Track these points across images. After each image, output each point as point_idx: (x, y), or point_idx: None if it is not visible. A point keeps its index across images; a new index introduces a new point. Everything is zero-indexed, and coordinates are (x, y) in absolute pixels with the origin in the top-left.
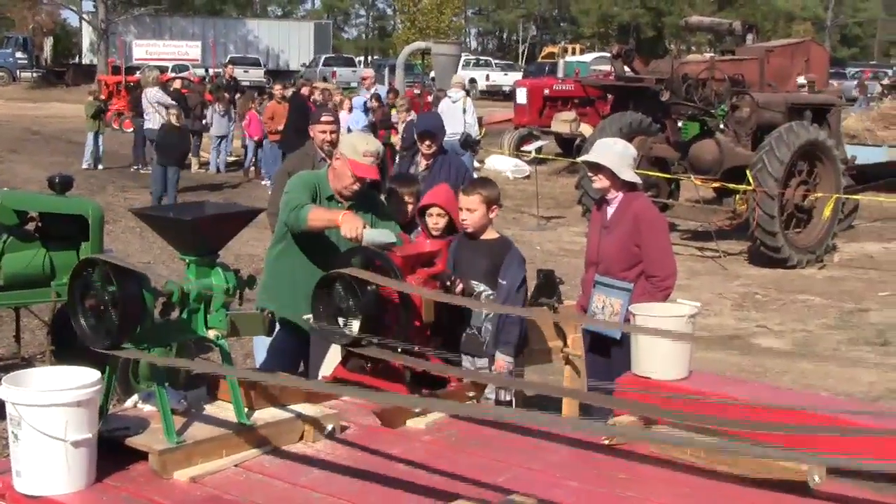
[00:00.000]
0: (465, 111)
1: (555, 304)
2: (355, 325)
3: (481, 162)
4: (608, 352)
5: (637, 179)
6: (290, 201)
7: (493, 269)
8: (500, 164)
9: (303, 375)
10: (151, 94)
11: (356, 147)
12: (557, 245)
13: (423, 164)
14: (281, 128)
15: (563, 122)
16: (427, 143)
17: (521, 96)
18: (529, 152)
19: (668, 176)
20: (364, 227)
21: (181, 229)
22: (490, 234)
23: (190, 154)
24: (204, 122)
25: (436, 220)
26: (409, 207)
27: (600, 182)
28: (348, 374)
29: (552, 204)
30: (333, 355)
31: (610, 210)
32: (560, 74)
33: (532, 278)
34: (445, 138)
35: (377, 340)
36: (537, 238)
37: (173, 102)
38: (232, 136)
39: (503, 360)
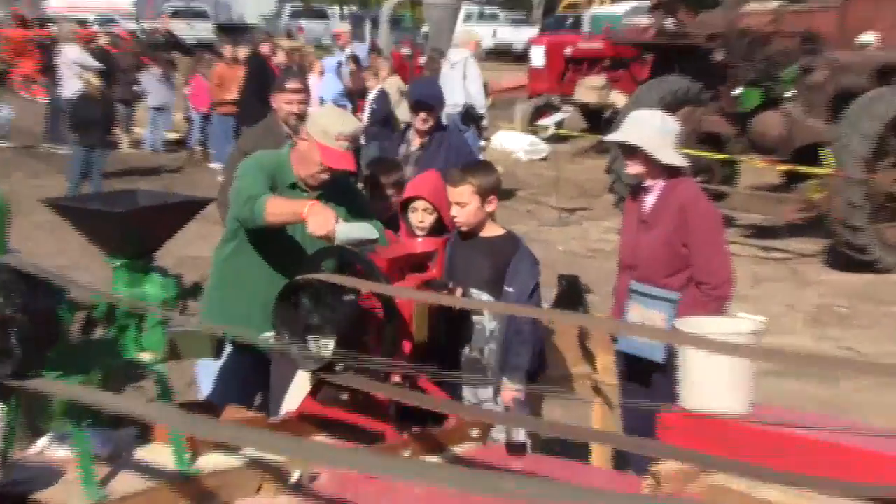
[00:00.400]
0: (465, 77)
1: None
2: (328, 346)
3: (487, 140)
4: (648, 379)
5: (682, 161)
6: (243, 189)
7: (497, 273)
8: (511, 142)
9: (261, 408)
10: (69, 54)
11: (327, 128)
12: (583, 244)
13: (416, 142)
14: (233, 97)
15: (589, 89)
16: (423, 116)
17: (538, 57)
18: (547, 127)
19: (723, 156)
20: (337, 222)
21: (107, 225)
22: (491, 231)
23: (118, 130)
24: (137, 89)
25: (421, 217)
26: (393, 200)
27: (634, 166)
28: (319, 408)
29: (576, 192)
30: (300, 384)
31: (648, 200)
32: (586, 29)
33: (550, 285)
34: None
35: (356, 365)
36: (558, 235)
37: (97, 64)
38: (172, 108)
39: (512, 390)
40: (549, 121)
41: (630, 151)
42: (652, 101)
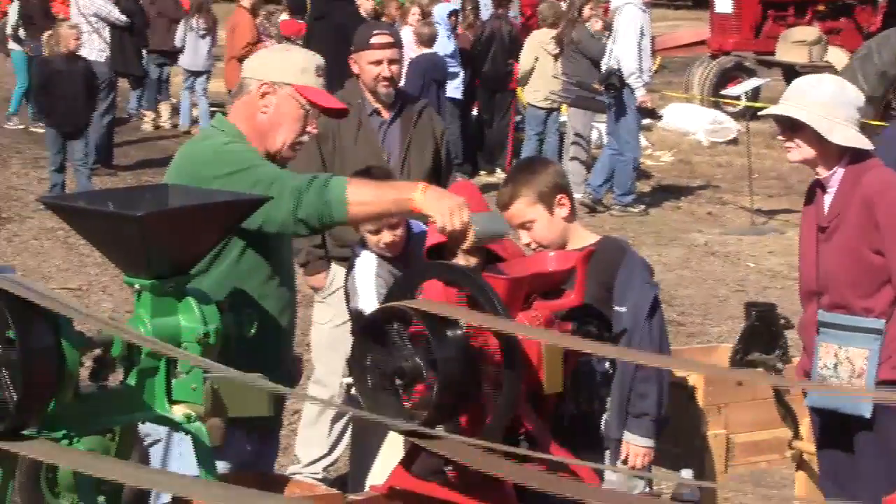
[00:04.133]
0: (616, 32)
1: (777, 365)
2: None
3: (656, 116)
4: (850, 441)
5: (864, 143)
6: (276, 177)
7: (602, 290)
8: (688, 118)
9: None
10: (87, 2)
11: (304, 65)
12: (785, 259)
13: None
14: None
15: (796, 44)
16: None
17: (724, 0)
18: (738, 98)
19: None
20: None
21: (126, 232)
22: (581, 239)
23: (139, 103)
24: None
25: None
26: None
27: (798, 151)
28: (414, 483)
29: (777, 187)
30: (390, 449)
31: (827, 199)
32: None
33: (736, 317)
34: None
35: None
36: (750, 247)
37: (122, 17)
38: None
39: (636, 446)
40: (739, 89)
41: (793, 131)
42: (886, 60)
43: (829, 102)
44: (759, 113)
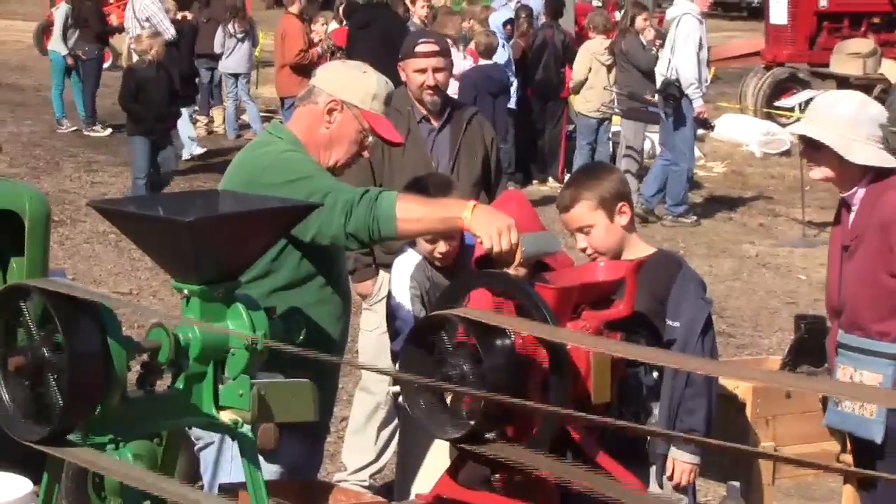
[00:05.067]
0: (674, 42)
1: (826, 377)
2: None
3: (709, 126)
4: (872, 465)
5: (888, 161)
6: (330, 189)
7: (656, 304)
8: (741, 129)
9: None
10: (143, 6)
11: (376, 92)
12: None
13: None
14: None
15: (850, 56)
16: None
17: (779, 11)
18: (791, 110)
19: None
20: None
21: (175, 237)
22: (637, 250)
23: (192, 110)
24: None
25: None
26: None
27: (819, 170)
28: (461, 492)
29: (829, 200)
30: (436, 458)
31: (851, 218)
32: None
33: (786, 329)
34: (632, 87)
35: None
36: (802, 260)
37: (172, 31)
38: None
39: (683, 462)
40: (793, 101)
41: (813, 149)
42: None
43: (849, 120)
44: (786, 129)
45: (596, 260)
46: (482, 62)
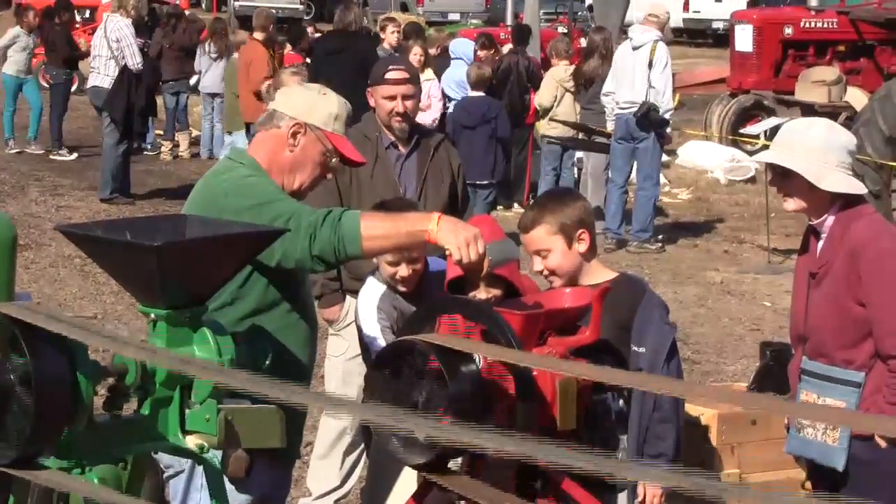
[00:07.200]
0: (652, 65)
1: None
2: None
3: (672, 153)
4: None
5: (856, 188)
6: (294, 212)
7: (619, 329)
8: (706, 156)
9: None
10: (117, 27)
11: (338, 112)
12: None
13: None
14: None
15: (816, 84)
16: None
17: (744, 39)
18: (756, 137)
19: None
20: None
21: (142, 261)
22: (596, 275)
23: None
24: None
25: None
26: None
27: (793, 201)
28: None
29: (794, 226)
30: (403, 484)
31: (819, 246)
32: (812, 2)
33: (752, 355)
34: (617, 109)
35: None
36: (766, 287)
37: (139, 63)
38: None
39: (654, 487)
40: (758, 128)
41: (784, 178)
42: None
43: (819, 147)
44: (753, 157)
45: (552, 283)
46: (472, 93)
